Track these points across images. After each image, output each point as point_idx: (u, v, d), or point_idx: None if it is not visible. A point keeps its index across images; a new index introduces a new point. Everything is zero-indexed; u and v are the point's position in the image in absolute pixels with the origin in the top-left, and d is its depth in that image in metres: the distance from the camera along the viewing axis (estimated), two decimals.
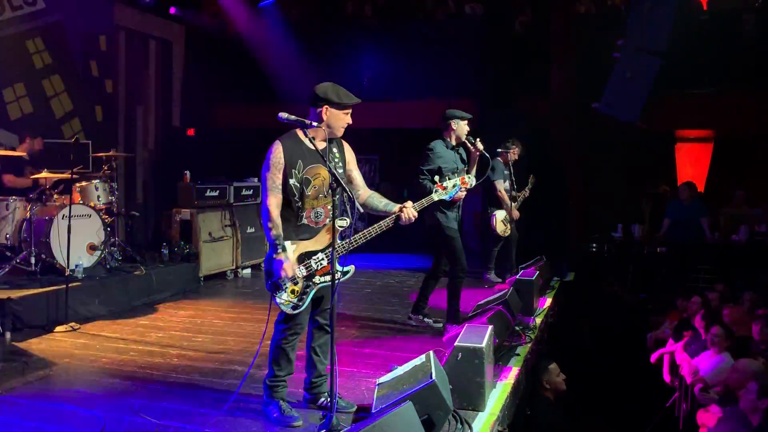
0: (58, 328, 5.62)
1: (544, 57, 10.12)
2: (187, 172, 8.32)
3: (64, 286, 5.77)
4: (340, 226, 3.51)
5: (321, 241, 3.57)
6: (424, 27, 11.08)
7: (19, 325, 5.49)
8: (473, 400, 3.69)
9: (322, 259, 3.56)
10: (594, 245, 9.61)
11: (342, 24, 11.84)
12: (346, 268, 3.59)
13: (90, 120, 9.63)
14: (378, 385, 3.63)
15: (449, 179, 3.98)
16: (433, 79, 10.60)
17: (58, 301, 5.78)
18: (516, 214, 7.63)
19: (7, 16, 8.41)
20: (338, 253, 3.54)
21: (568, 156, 9.80)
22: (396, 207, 3.69)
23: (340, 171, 3.63)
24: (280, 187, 3.50)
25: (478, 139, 5.54)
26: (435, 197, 3.91)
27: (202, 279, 7.82)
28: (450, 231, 5.44)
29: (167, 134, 11.58)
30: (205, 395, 4.07)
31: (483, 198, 9.27)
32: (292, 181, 3.51)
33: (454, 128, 5.49)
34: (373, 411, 3.28)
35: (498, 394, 4.00)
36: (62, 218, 6.30)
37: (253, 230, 8.68)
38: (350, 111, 3.65)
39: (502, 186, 7.55)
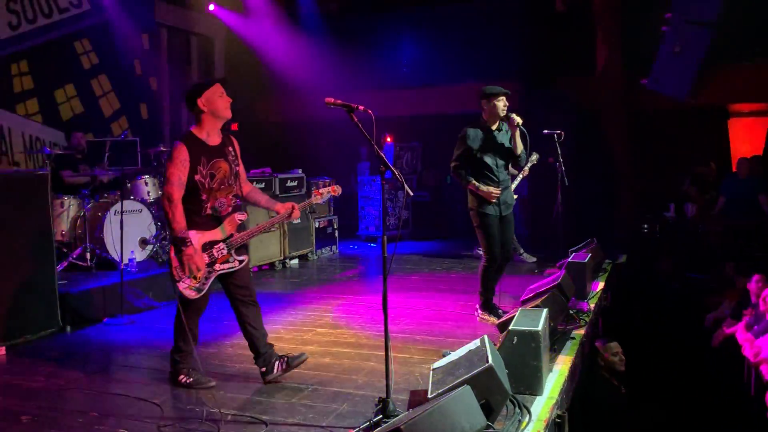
0: (114, 321, 5.75)
1: (588, 34, 9.87)
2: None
3: (119, 280, 5.90)
4: (239, 219, 3.89)
5: (223, 231, 3.85)
6: (463, 9, 10.92)
7: (78, 318, 5.64)
8: (530, 384, 3.62)
9: (223, 248, 3.85)
10: (646, 226, 9.36)
11: (378, 12, 11.78)
12: (240, 257, 3.91)
13: (136, 117, 9.85)
14: (433, 370, 3.59)
15: (326, 185, 4.21)
16: (474, 62, 10.46)
17: (113, 294, 5.91)
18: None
19: (55, 19, 8.62)
20: (236, 245, 3.88)
21: (617, 135, 9.56)
22: (278, 205, 4.01)
23: (235, 165, 3.93)
24: (184, 182, 3.72)
25: (513, 113, 5.17)
26: (314, 201, 4.17)
27: (251, 270, 7.90)
28: (482, 216, 5.23)
29: None
30: (260, 383, 4.09)
31: (529, 182, 9.11)
32: (197, 177, 3.75)
33: (487, 107, 5.25)
34: (430, 396, 3.24)
35: (555, 378, 3.92)
36: (114, 214, 6.44)
37: (299, 221, 8.72)
38: (220, 88, 3.82)
39: None
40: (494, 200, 5.21)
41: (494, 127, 5.29)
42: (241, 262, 3.91)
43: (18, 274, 5.09)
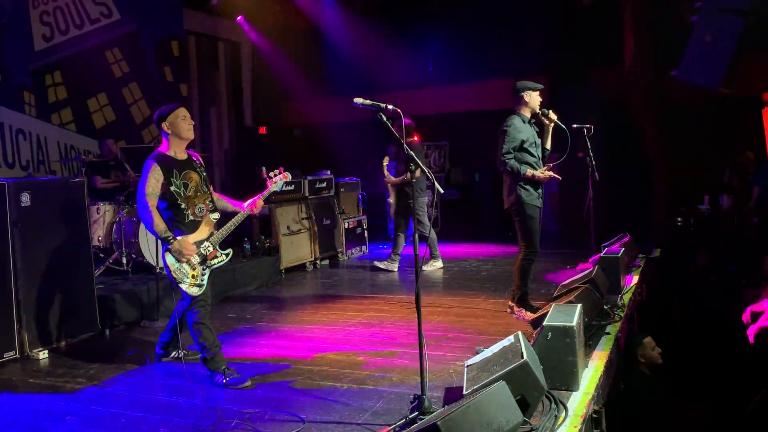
0: (151, 324, 5.85)
1: (615, 27, 9.75)
2: (264, 168, 8.47)
3: (155, 283, 6.01)
4: (214, 219, 4.28)
5: (203, 231, 4.21)
6: (488, 6, 10.88)
7: (117, 321, 5.76)
8: (566, 380, 3.60)
9: (208, 246, 4.20)
10: (680, 219, 9.21)
11: (404, 10, 11.79)
12: (226, 251, 4.29)
13: None
14: (467, 366, 3.59)
15: (277, 173, 4.43)
16: (500, 58, 10.41)
17: (149, 298, 6.03)
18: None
19: (86, 29, 8.80)
20: (218, 240, 4.22)
21: (648, 127, 9.42)
22: (243, 203, 4.39)
23: (204, 175, 4.33)
24: (158, 193, 4.06)
25: (550, 110, 5.26)
26: (271, 190, 4.43)
27: (283, 271, 7.98)
28: (530, 209, 5.22)
29: (240, 134, 11.87)
30: (296, 382, 4.14)
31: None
32: (173, 188, 4.10)
33: (527, 100, 5.23)
34: (465, 392, 3.25)
35: (591, 373, 3.89)
36: None
37: (328, 222, 8.79)
38: (182, 111, 4.25)
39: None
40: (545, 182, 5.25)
41: (529, 120, 5.32)
42: (227, 255, 4.31)
43: (58, 279, 5.22)
